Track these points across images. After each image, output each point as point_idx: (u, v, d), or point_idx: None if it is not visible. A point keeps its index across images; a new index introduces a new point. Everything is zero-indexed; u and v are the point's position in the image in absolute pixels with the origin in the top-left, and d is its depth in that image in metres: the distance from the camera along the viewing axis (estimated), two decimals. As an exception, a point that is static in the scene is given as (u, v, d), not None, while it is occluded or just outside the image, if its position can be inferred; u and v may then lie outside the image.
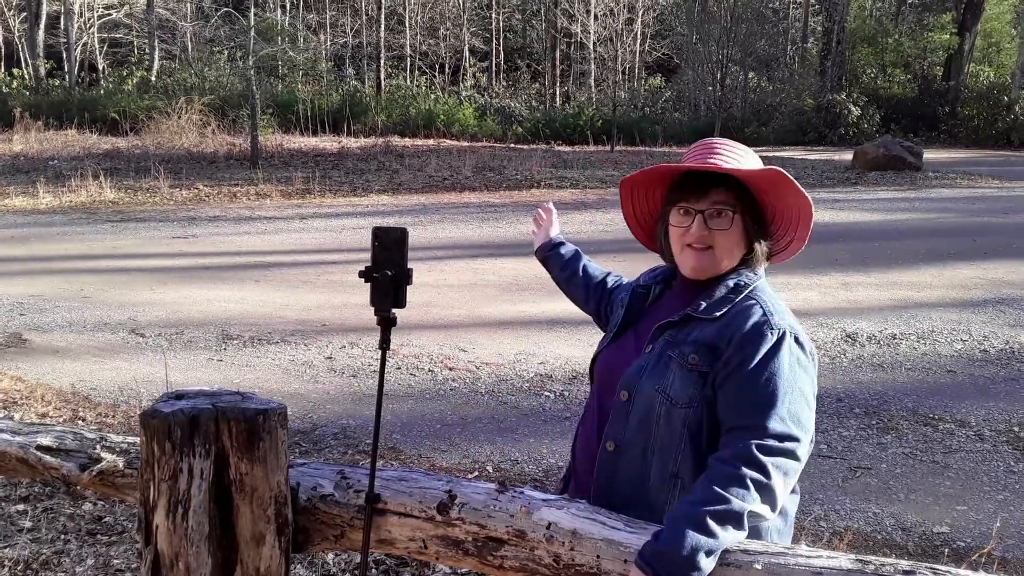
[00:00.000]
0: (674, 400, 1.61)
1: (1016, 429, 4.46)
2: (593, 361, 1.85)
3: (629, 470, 1.67)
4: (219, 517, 1.61)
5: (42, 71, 28.85)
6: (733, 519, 1.41)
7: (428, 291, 7.27)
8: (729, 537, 1.40)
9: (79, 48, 31.90)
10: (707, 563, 1.37)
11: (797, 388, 1.54)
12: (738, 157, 1.69)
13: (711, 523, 1.39)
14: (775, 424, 1.49)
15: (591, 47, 31.48)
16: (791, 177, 1.65)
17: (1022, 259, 9.01)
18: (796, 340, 1.59)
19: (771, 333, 1.57)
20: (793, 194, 1.66)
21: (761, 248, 1.71)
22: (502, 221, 11.62)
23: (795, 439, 1.49)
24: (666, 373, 1.63)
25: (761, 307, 1.62)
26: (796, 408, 1.52)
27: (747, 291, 1.66)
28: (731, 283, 1.68)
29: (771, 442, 1.47)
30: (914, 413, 4.69)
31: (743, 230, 1.68)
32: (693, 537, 1.38)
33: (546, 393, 5.05)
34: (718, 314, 1.63)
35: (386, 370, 1.71)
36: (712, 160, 1.67)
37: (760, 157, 1.76)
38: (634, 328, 1.79)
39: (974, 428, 4.48)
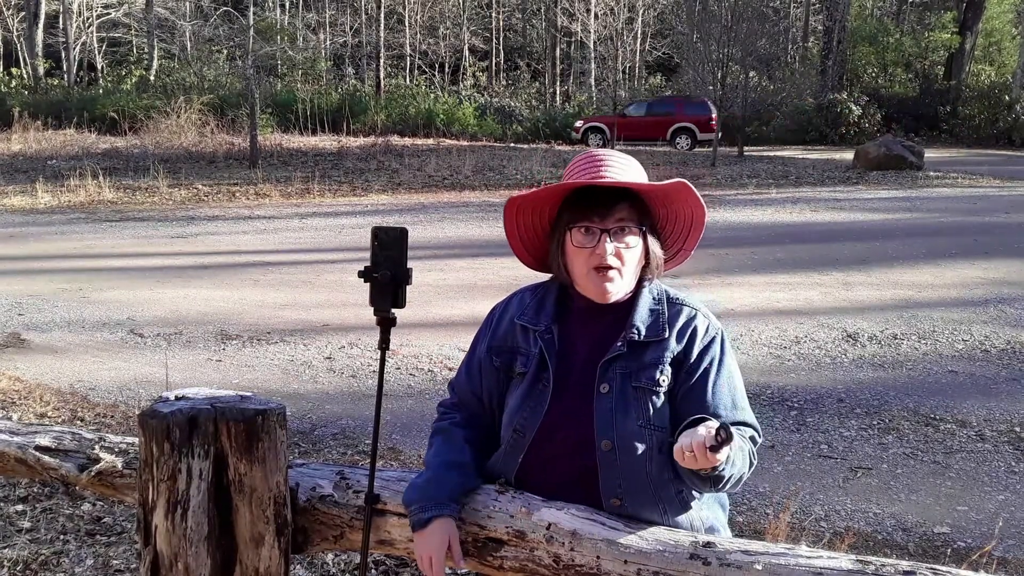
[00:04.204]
0: (659, 426, 1.58)
1: (1017, 429, 4.45)
2: (524, 416, 1.63)
3: (644, 512, 1.58)
4: (218, 518, 1.60)
5: (41, 70, 28.87)
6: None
7: (428, 291, 7.26)
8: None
9: (78, 47, 31.91)
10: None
11: (739, 379, 1.66)
12: (627, 168, 1.62)
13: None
14: (750, 418, 1.64)
15: (591, 46, 31.51)
16: (695, 189, 1.62)
17: (1023, 259, 9.00)
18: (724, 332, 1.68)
19: (716, 334, 1.63)
20: (692, 204, 1.64)
21: (659, 260, 1.65)
22: (502, 220, 11.59)
23: (758, 429, 1.65)
24: (640, 405, 1.57)
25: (689, 309, 1.64)
26: (745, 399, 1.66)
27: (664, 298, 1.65)
28: (652, 296, 1.65)
29: (753, 433, 1.63)
30: (915, 413, 4.68)
31: (644, 245, 1.62)
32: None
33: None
34: (666, 334, 1.60)
35: (386, 370, 1.71)
36: (606, 174, 1.59)
37: (761, 156, 1.73)
38: (556, 373, 1.62)
39: (975, 428, 4.47)
